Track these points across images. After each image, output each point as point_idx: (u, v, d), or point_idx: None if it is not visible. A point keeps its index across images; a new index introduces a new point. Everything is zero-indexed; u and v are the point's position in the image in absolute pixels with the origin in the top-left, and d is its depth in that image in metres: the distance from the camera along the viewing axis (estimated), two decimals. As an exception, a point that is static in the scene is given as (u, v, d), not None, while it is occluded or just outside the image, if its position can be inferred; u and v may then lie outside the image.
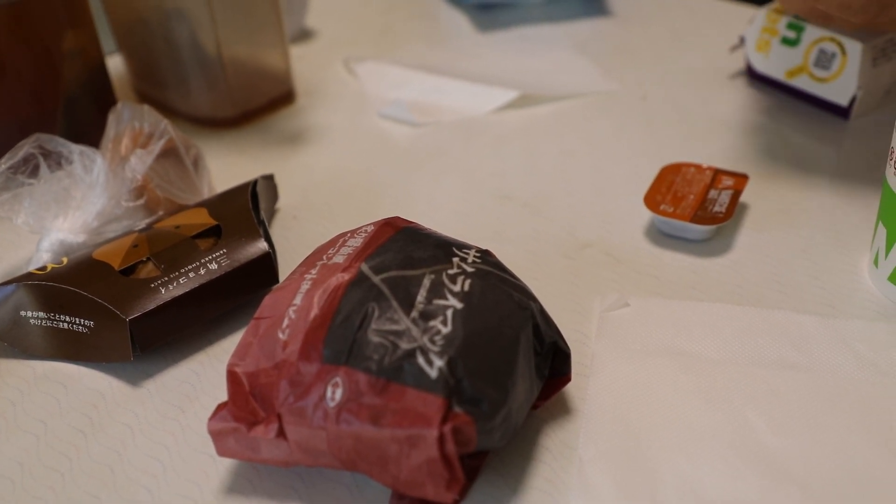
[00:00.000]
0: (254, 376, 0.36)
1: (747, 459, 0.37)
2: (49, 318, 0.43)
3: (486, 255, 0.39)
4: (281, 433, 0.35)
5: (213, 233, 0.47)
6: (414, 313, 0.35)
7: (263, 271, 0.46)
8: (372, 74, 0.72)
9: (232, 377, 0.36)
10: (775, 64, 0.64)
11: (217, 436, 0.36)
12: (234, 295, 0.45)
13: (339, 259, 0.38)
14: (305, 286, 0.37)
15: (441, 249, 0.39)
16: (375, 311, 0.35)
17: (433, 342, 0.34)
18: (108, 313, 0.42)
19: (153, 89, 0.66)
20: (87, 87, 0.59)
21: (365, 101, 0.68)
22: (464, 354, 0.34)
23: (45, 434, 0.40)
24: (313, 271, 0.38)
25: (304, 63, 0.75)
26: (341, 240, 0.40)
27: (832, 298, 0.46)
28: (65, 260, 0.45)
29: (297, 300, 0.36)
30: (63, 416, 0.41)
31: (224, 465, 0.38)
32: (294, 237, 0.53)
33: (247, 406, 0.36)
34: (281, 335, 0.36)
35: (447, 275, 0.37)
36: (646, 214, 0.53)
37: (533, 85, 0.69)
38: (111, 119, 0.52)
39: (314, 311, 0.36)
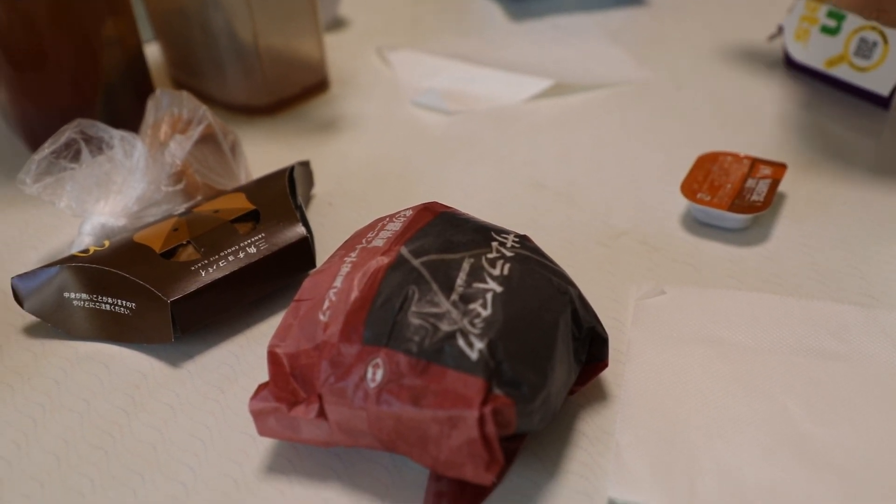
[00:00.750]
0: (294, 357, 0.36)
1: (786, 447, 0.37)
2: (92, 300, 0.44)
3: (524, 240, 0.40)
4: (321, 413, 0.35)
5: (252, 217, 0.47)
6: (454, 296, 0.35)
7: (301, 255, 0.46)
8: (405, 63, 0.72)
9: (273, 358, 0.37)
10: (814, 53, 0.63)
11: (258, 415, 0.36)
12: (272, 278, 0.45)
13: (378, 243, 0.39)
14: (345, 269, 0.37)
15: (480, 234, 0.39)
16: (416, 293, 0.35)
17: (473, 325, 0.34)
18: (150, 295, 0.42)
19: (190, 77, 0.67)
20: (125, 74, 0.60)
21: (398, 89, 0.69)
22: (504, 337, 0.34)
23: (88, 412, 0.41)
24: (353, 254, 0.38)
25: (337, 52, 0.75)
26: (380, 224, 0.41)
27: (871, 289, 0.46)
28: (107, 243, 0.46)
29: (338, 283, 0.37)
30: (106, 395, 0.42)
31: (264, 445, 0.39)
32: (329, 223, 0.54)
33: (287, 386, 0.36)
34: (322, 317, 0.36)
35: (486, 259, 0.37)
36: (681, 203, 0.53)
37: (566, 74, 0.69)
38: (150, 105, 0.53)
39: (354, 294, 0.36)
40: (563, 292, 0.37)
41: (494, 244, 0.38)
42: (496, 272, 0.37)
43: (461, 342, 0.34)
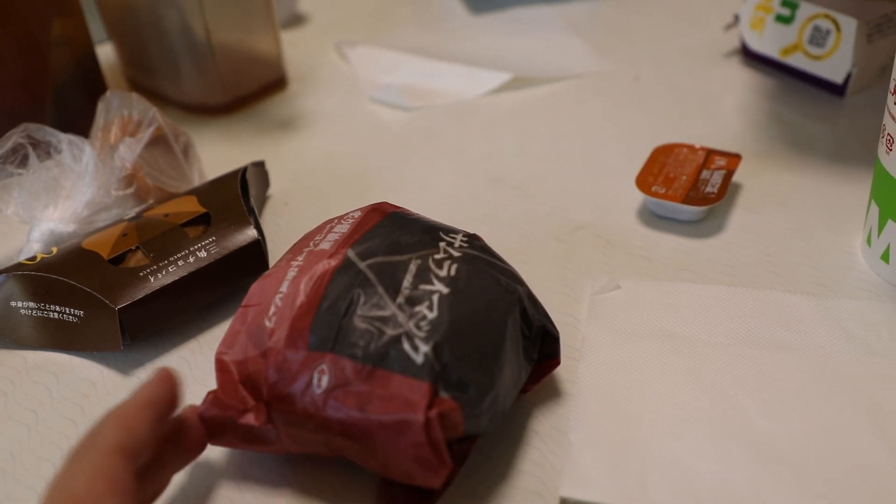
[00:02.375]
0: (242, 364, 0.36)
1: (737, 441, 0.37)
2: (39, 308, 0.43)
3: (473, 240, 0.39)
4: (269, 421, 0.35)
5: (203, 220, 0.47)
6: (400, 299, 0.35)
7: (253, 259, 0.46)
8: (364, 59, 0.71)
9: (220, 365, 0.36)
10: (770, 42, 0.63)
11: (207, 423, 0.36)
12: (224, 283, 0.45)
13: (325, 245, 0.38)
14: (292, 273, 0.37)
15: (428, 234, 0.39)
16: (361, 297, 0.35)
17: (419, 328, 0.34)
18: (98, 303, 0.42)
19: (144, 77, 0.66)
20: (76, 75, 0.59)
21: (357, 85, 0.68)
22: (450, 340, 0.34)
23: (36, 424, 0.40)
24: (300, 258, 0.38)
25: (296, 49, 0.74)
26: (328, 226, 0.40)
27: (825, 278, 0.46)
28: (55, 250, 0.45)
29: (284, 287, 0.36)
30: (54, 405, 0.41)
31: (214, 453, 0.38)
32: (285, 223, 0.53)
33: (236, 394, 0.36)
34: (268, 323, 0.36)
35: (433, 259, 0.37)
36: (638, 196, 0.53)
37: (526, 67, 0.69)
38: (100, 108, 0.52)
39: (300, 298, 0.35)
40: (511, 291, 0.37)
41: (442, 244, 0.38)
42: (443, 273, 0.36)
43: (406, 346, 0.33)
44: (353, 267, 0.36)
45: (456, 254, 0.38)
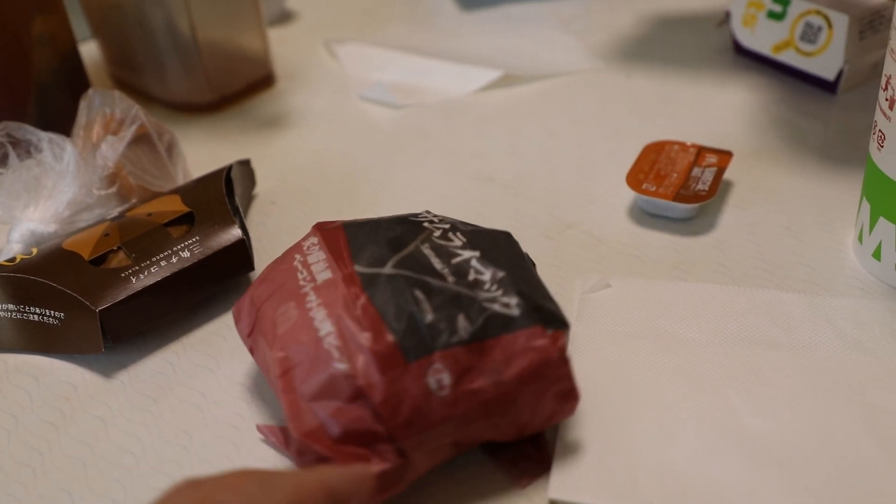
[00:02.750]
0: (328, 426, 0.33)
1: (729, 441, 0.36)
2: (19, 311, 0.43)
3: (429, 213, 0.41)
4: (400, 455, 0.33)
5: (187, 220, 0.46)
6: (451, 278, 0.36)
7: (238, 258, 0.45)
8: (353, 56, 0.70)
9: (312, 440, 0.33)
10: (761, 39, 0.62)
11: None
12: (208, 283, 0.44)
13: (325, 276, 0.36)
14: (321, 313, 0.35)
15: (401, 224, 0.39)
16: (419, 293, 0.35)
17: (490, 290, 0.35)
18: (78, 304, 0.41)
19: (129, 75, 0.65)
20: (59, 73, 0.58)
21: (346, 83, 0.67)
22: (520, 285, 0.36)
23: (15, 428, 0.39)
24: (312, 298, 0.35)
25: (284, 46, 0.74)
26: (298, 262, 0.38)
27: (817, 276, 0.45)
28: (35, 250, 0.45)
29: (326, 328, 0.34)
30: (35, 409, 0.40)
31: (198, 457, 0.37)
32: (272, 223, 0.52)
33: (348, 451, 0.33)
34: (341, 366, 0.33)
35: (435, 237, 0.38)
36: (629, 194, 0.52)
37: (516, 64, 0.68)
38: (82, 106, 0.51)
39: (361, 326, 0.34)
40: (507, 234, 0.40)
41: (425, 224, 0.39)
42: (456, 242, 0.38)
43: (497, 307, 0.35)
44: (379, 276, 0.35)
45: (445, 225, 0.39)
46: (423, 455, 0.33)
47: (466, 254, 0.37)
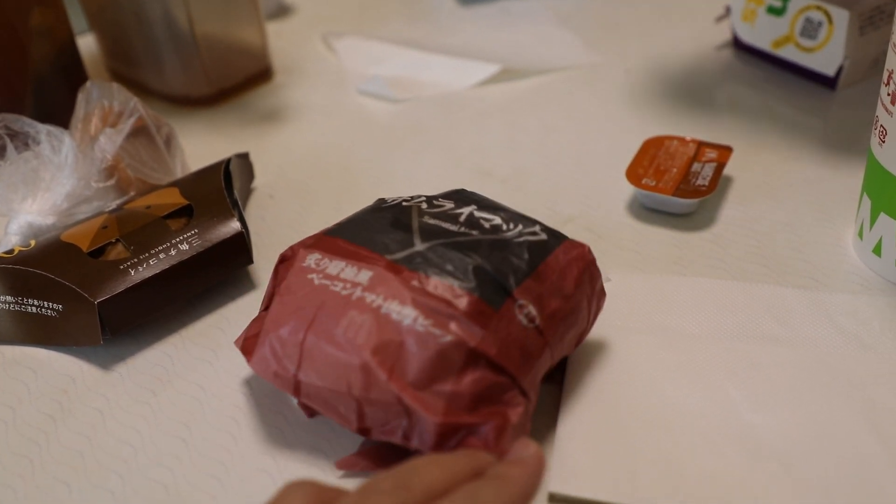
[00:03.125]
0: (471, 389, 0.33)
1: (728, 435, 0.36)
2: (17, 303, 0.42)
3: (386, 199, 0.41)
4: (524, 395, 0.35)
5: (185, 213, 0.46)
6: (474, 232, 0.38)
7: (237, 251, 0.45)
8: (351, 50, 0.70)
9: (453, 412, 0.33)
10: (761, 34, 0.62)
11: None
12: (207, 276, 0.44)
13: (366, 275, 0.35)
14: (393, 305, 0.34)
15: (383, 212, 0.39)
16: (464, 252, 0.36)
17: (511, 229, 0.38)
18: (77, 296, 0.41)
19: (127, 68, 0.65)
20: (56, 66, 0.57)
21: (344, 77, 0.67)
22: (524, 217, 0.40)
23: (13, 420, 0.39)
24: (372, 298, 0.34)
25: (282, 40, 0.73)
26: (323, 278, 0.36)
27: (816, 272, 0.45)
28: (33, 243, 0.44)
29: (409, 316, 0.34)
30: (33, 401, 0.40)
31: (197, 450, 0.37)
32: (271, 216, 0.52)
33: (487, 412, 0.34)
34: (446, 339, 0.33)
35: (426, 210, 0.39)
36: (628, 189, 0.52)
37: (514, 59, 0.68)
38: (80, 98, 0.51)
39: (443, 300, 0.34)
40: (463, 189, 0.43)
41: (403, 203, 0.40)
42: (447, 206, 0.40)
43: (530, 238, 0.37)
44: (416, 255, 0.36)
45: (420, 199, 0.40)
46: (533, 391, 0.35)
47: (465, 209, 0.39)
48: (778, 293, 0.43)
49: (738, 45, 0.66)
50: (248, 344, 0.37)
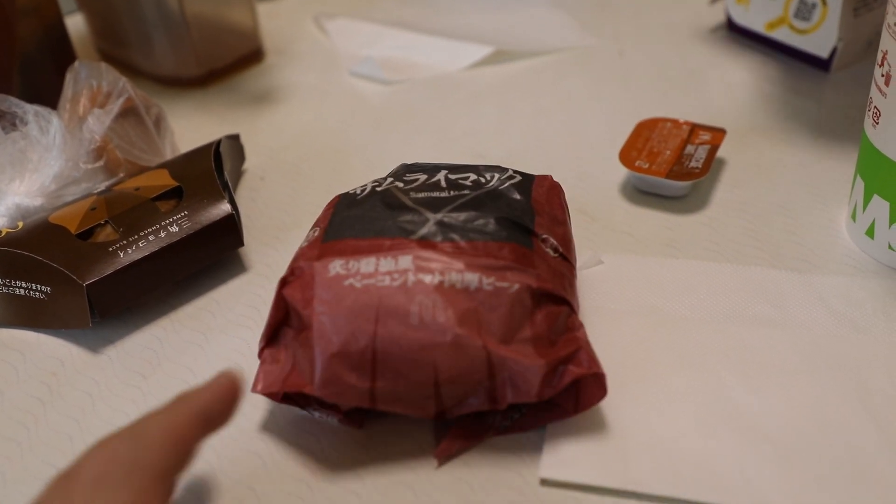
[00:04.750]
0: (547, 325, 0.35)
1: (720, 417, 0.36)
2: (5, 284, 0.42)
3: (346, 192, 0.41)
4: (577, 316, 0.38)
5: (175, 194, 0.45)
6: (465, 191, 0.39)
7: (227, 233, 0.44)
8: (343, 31, 0.70)
9: (545, 351, 0.35)
10: (755, 16, 0.62)
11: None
12: (197, 258, 0.44)
13: (404, 262, 0.35)
14: (454, 277, 0.34)
15: (366, 201, 0.39)
16: (472, 211, 0.37)
17: (489, 178, 0.40)
18: (65, 278, 0.40)
19: (116, 48, 0.64)
20: (44, 46, 0.57)
21: (336, 59, 0.67)
22: (489, 167, 0.42)
23: (1, 402, 0.39)
24: (429, 279, 0.34)
25: (274, 20, 0.73)
26: (361, 278, 0.35)
27: (809, 254, 0.45)
28: (20, 224, 0.44)
29: (472, 281, 0.34)
30: (21, 384, 0.40)
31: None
32: (261, 198, 0.52)
33: (569, 338, 0.36)
34: (513, 287, 0.35)
35: (402, 187, 0.40)
36: (621, 171, 0.52)
37: (508, 41, 0.67)
38: (69, 78, 0.50)
39: (488, 257, 0.35)
40: (411, 163, 0.45)
41: (377, 188, 0.40)
42: (419, 177, 0.40)
43: (512, 181, 0.40)
44: (433, 228, 0.37)
45: (388, 179, 0.41)
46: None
47: (438, 176, 0.40)
48: (771, 275, 0.43)
49: (732, 27, 0.66)
50: (293, 380, 0.35)
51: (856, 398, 0.37)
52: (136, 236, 0.42)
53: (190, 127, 0.58)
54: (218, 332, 0.42)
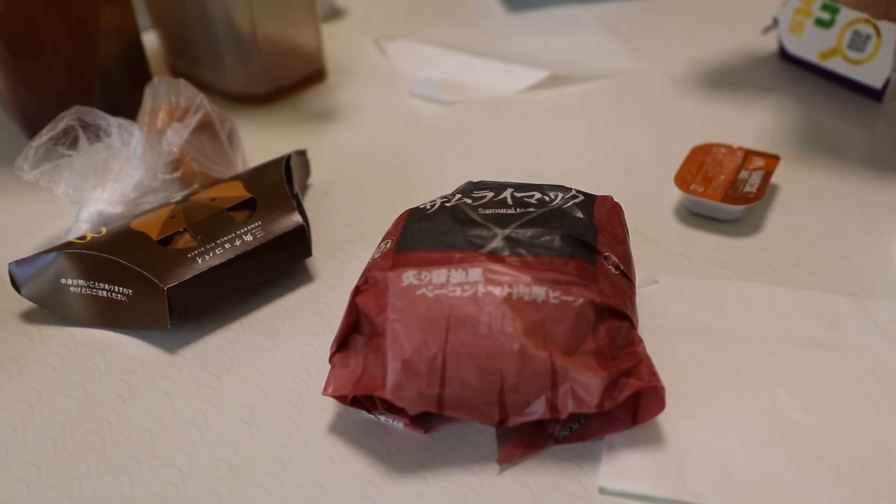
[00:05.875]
0: (609, 339, 0.37)
1: (775, 436, 0.37)
2: (89, 286, 0.45)
3: (415, 208, 0.43)
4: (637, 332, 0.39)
5: (248, 205, 0.48)
6: (530, 209, 0.41)
7: (297, 244, 0.46)
8: (402, 53, 0.72)
9: (606, 364, 0.36)
10: (808, 45, 0.63)
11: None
12: (268, 266, 0.46)
13: (474, 275, 0.37)
14: (521, 290, 0.36)
15: (436, 215, 0.41)
16: (539, 227, 0.39)
17: (553, 197, 0.42)
18: (147, 282, 0.43)
19: (187, 66, 0.67)
20: (122, 62, 0.60)
21: (395, 79, 0.69)
22: (552, 186, 0.44)
23: (85, 398, 0.41)
24: (498, 291, 0.36)
25: (334, 41, 0.75)
26: (433, 288, 0.37)
27: (862, 279, 0.46)
28: (104, 230, 0.46)
29: (539, 294, 0.36)
30: (102, 381, 0.42)
31: (259, 431, 0.39)
32: (325, 212, 0.54)
33: (629, 353, 0.37)
34: (577, 301, 0.36)
35: (470, 203, 0.41)
36: (675, 194, 0.53)
37: (562, 65, 0.69)
38: (147, 93, 0.53)
39: (555, 271, 0.37)
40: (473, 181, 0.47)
41: (446, 204, 0.42)
42: (487, 194, 0.42)
43: (576, 200, 0.42)
44: (501, 244, 0.38)
45: (456, 195, 0.43)
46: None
47: (505, 194, 0.42)
48: (824, 299, 0.44)
49: (784, 56, 0.67)
50: (363, 384, 0.36)
51: (910, 421, 0.37)
52: (213, 244, 0.44)
53: (257, 142, 0.61)
54: (287, 337, 0.44)
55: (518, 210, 0.40)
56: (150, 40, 0.71)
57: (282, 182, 0.49)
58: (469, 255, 0.37)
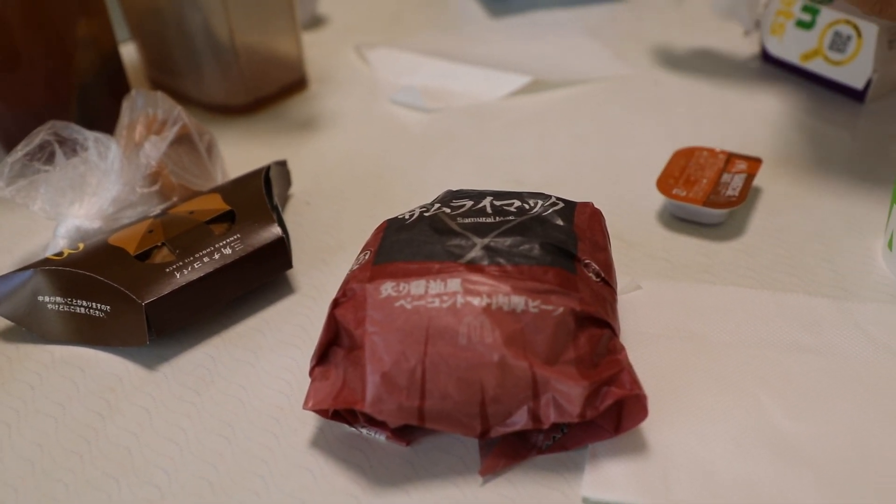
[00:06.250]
0: (591, 347, 0.36)
1: (760, 442, 0.37)
2: (66, 303, 0.44)
3: (392, 218, 0.42)
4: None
5: (227, 218, 0.47)
6: (510, 217, 0.40)
7: (277, 256, 0.46)
8: (383, 61, 0.72)
9: (587, 373, 0.36)
10: (790, 47, 0.63)
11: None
12: (248, 279, 0.45)
13: (452, 285, 0.36)
14: (501, 299, 0.36)
15: (416, 225, 0.40)
16: (519, 236, 0.39)
17: (533, 205, 0.42)
18: (124, 298, 0.42)
19: (166, 77, 0.67)
20: (100, 75, 0.59)
21: (377, 87, 0.69)
22: (532, 193, 0.44)
23: (63, 417, 0.41)
24: (477, 302, 0.36)
25: (315, 50, 0.75)
26: (411, 300, 0.36)
27: (845, 282, 0.46)
28: (81, 246, 0.46)
29: (518, 304, 0.36)
30: (81, 399, 0.42)
31: (239, 446, 0.39)
32: (306, 222, 0.53)
33: (611, 360, 0.37)
34: (557, 311, 0.36)
35: (449, 213, 0.41)
36: (658, 198, 0.53)
37: (545, 70, 0.69)
38: (125, 106, 0.53)
39: (534, 280, 0.36)
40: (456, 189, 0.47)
41: (424, 213, 0.41)
42: (466, 202, 0.42)
43: (556, 207, 0.42)
44: (480, 253, 0.38)
45: (435, 205, 0.42)
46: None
47: (484, 202, 0.42)
48: (807, 302, 0.44)
49: (766, 58, 0.67)
50: (343, 397, 0.36)
51: (894, 424, 0.37)
52: (191, 258, 0.44)
53: (237, 153, 0.60)
54: (267, 350, 0.44)
55: (497, 219, 0.40)
56: (129, 52, 0.71)
57: (261, 193, 0.48)
58: (448, 266, 0.37)
